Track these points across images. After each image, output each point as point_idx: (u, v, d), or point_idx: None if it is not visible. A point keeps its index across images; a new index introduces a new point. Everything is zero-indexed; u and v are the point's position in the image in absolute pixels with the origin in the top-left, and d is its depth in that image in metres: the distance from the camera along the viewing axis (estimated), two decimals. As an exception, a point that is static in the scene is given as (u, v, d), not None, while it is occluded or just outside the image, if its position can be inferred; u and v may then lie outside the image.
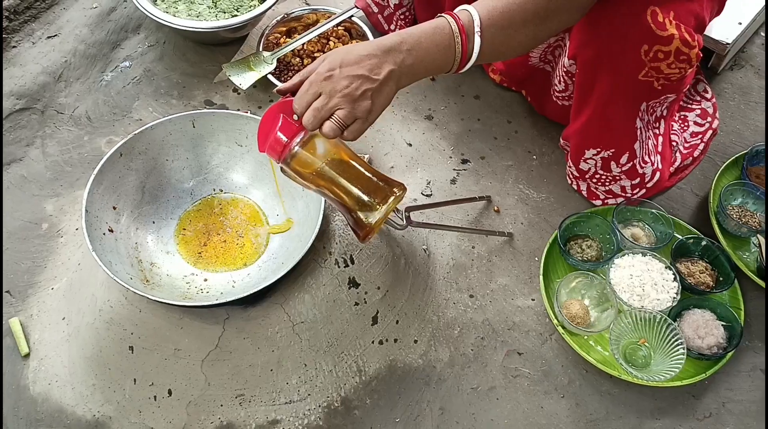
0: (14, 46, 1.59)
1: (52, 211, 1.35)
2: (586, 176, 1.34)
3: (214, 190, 1.20)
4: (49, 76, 1.54)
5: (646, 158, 1.30)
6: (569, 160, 1.35)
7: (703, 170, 1.45)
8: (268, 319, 1.11)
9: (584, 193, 1.39)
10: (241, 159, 1.20)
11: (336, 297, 1.13)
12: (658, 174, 1.34)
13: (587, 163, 1.30)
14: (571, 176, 1.40)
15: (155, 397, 1.10)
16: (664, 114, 1.33)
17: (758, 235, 1.28)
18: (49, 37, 1.60)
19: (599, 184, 1.34)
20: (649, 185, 1.34)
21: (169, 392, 1.09)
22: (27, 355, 1.18)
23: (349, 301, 1.15)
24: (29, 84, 1.51)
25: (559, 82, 1.31)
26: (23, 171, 1.41)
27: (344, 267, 1.13)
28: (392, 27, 1.64)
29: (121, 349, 1.09)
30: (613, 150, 1.25)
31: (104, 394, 1.11)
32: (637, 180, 1.32)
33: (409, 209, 1.22)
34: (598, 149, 1.26)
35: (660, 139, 1.34)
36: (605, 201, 1.38)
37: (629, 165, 1.28)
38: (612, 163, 1.28)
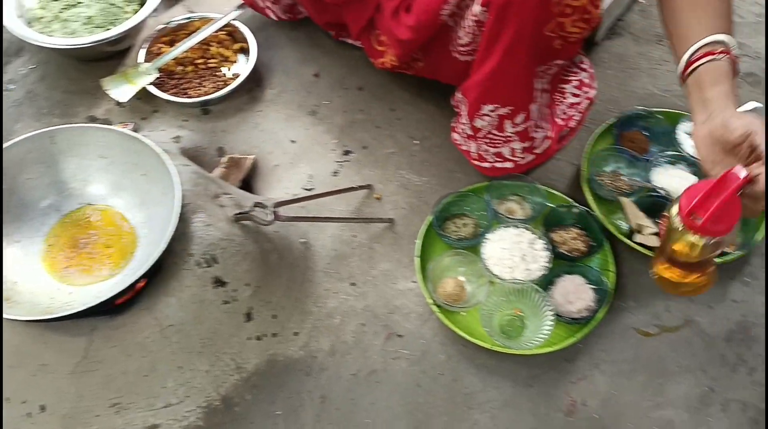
0: None
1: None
2: (479, 135, 1.32)
3: (80, 203, 1.22)
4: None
5: (540, 123, 1.32)
6: (462, 118, 1.33)
7: (581, 140, 1.47)
8: (136, 325, 1.12)
9: (473, 155, 1.37)
10: (105, 170, 1.22)
11: (203, 297, 1.14)
12: (548, 142, 1.36)
13: (483, 119, 1.28)
14: (462, 136, 1.37)
15: (29, 414, 1.11)
16: (547, 87, 1.35)
17: (620, 198, 1.30)
18: (-68, 69, 1.61)
19: (490, 145, 1.33)
20: (537, 151, 1.35)
21: (42, 408, 1.10)
22: None
23: (218, 300, 1.16)
24: None
25: (465, 35, 1.28)
26: None
27: (207, 267, 1.15)
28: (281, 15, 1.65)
29: (-16, 370, 1.10)
30: (511, 108, 1.25)
31: (-21, 415, 1.12)
32: (528, 143, 1.32)
33: (277, 205, 1.24)
34: (497, 105, 1.25)
35: (547, 110, 1.36)
36: (494, 164, 1.36)
37: (523, 126, 1.28)
38: (507, 121, 1.27)
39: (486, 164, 1.37)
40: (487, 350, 1.19)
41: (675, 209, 0.97)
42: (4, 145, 1.15)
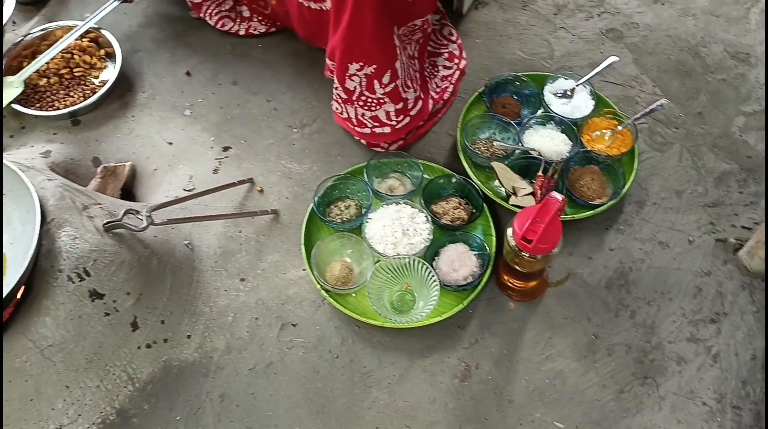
0: None
1: None
2: (353, 98, 1.32)
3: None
4: None
5: (409, 83, 1.33)
6: (335, 83, 1.33)
7: (456, 111, 1.49)
8: (12, 350, 1.08)
9: (354, 122, 1.37)
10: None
11: (80, 312, 1.11)
12: (420, 102, 1.37)
13: (353, 80, 1.28)
14: (339, 101, 1.37)
15: None
16: (416, 54, 1.37)
17: (492, 163, 1.34)
18: None
19: (365, 108, 1.33)
20: (412, 113, 1.36)
21: None
22: None
23: (98, 313, 1.13)
24: None
25: None
26: None
27: (80, 281, 1.11)
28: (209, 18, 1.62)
29: None
30: (375, 66, 1.25)
31: None
32: (401, 105, 1.33)
33: (152, 209, 1.21)
34: (361, 64, 1.25)
35: (418, 75, 1.37)
36: (373, 129, 1.37)
37: (392, 86, 1.29)
38: (375, 81, 1.27)
39: (366, 130, 1.37)
40: (381, 328, 1.21)
41: (510, 232, 1.13)
42: None
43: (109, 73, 1.56)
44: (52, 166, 1.37)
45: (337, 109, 1.39)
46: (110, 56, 1.58)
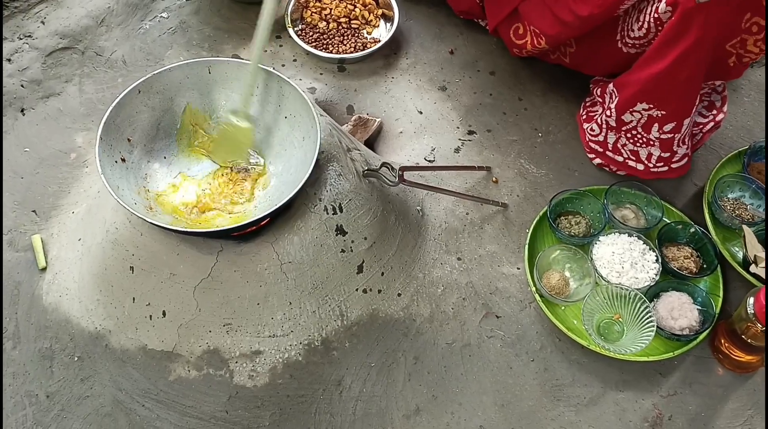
0: (64, -10, 1.70)
1: (81, 143, 1.47)
2: (623, 128, 1.31)
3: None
4: (93, 20, 1.64)
5: (686, 140, 1.32)
6: (607, 110, 1.32)
7: (706, 162, 1.46)
8: (258, 255, 1.18)
9: (609, 146, 1.37)
10: (251, 107, 1.28)
11: (323, 242, 1.20)
12: (685, 160, 1.35)
13: (633, 115, 1.27)
14: (602, 126, 1.36)
15: (151, 316, 1.19)
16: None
17: (743, 226, 1.29)
18: (96, -16, 1.71)
19: (631, 141, 1.32)
20: (674, 166, 1.34)
21: (164, 313, 1.19)
22: (44, 269, 1.29)
23: (336, 248, 1.22)
24: (73, 26, 1.62)
25: (640, 28, 1.24)
26: (60, 105, 1.53)
27: (333, 214, 1.20)
28: None
29: (123, 269, 1.19)
30: (664, 112, 1.24)
31: (106, 309, 1.21)
32: (667, 154, 1.31)
33: (403, 169, 1.28)
34: (651, 106, 1.24)
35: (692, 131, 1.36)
36: (626, 160, 1.36)
37: (669, 136, 1.27)
38: (656, 125, 1.26)
39: (619, 158, 1.37)
40: (582, 347, 1.22)
41: (752, 300, 1.10)
42: (168, 66, 1.23)
43: (381, 32, 1.65)
44: (316, 103, 1.48)
45: (593, 130, 1.40)
46: (385, 17, 1.68)
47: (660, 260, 1.27)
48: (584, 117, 1.47)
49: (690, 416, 1.18)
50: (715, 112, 1.48)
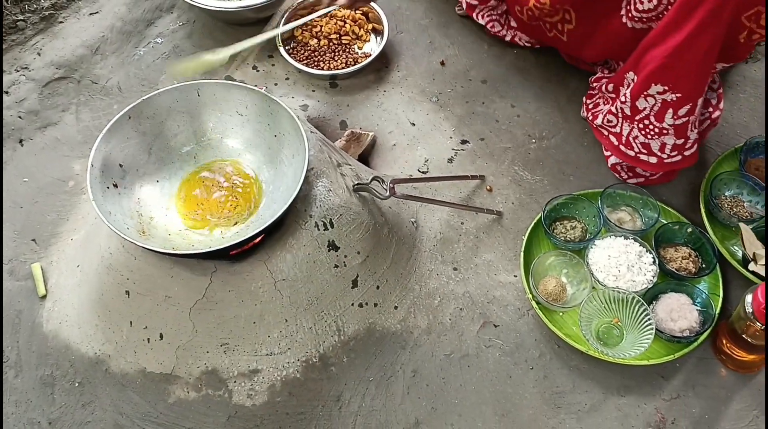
0: (61, 22, 1.73)
1: (78, 170, 1.49)
2: (636, 118, 1.29)
3: (215, 156, 1.30)
4: (88, 49, 1.67)
5: (697, 124, 1.30)
6: (622, 96, 1.30)
7: (703, 161, 1.45)
8: (252, 274, 1.19)
9: (623, 138, 1.34)
10: (241, 127, 1.29)
11: (316, 258, 1.20)
12: (696, 146, 1.33)
13: (647, 100, 1.25)
14: (617, 116, 1.34)
15: (148, 339, 1.20)
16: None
17: (740, 224, 1.28)
18: (91, 14, 1.74)
19: (642, 133, 1.30)
20: (686, 153, 1.32)
21: (161, 336, 1.19)
22: (44, 297, 1.31)
23: (329, 263, 1.22)
24: (69, 55, 1.65)
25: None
26: (57, 134, 1.55)
27: (324, 229, 1.20)
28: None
29: (119, 293, 1.20)
30: (680, 95, 1.22)
31: (105, 334, 1.23)
32: (681, 140, 1.29)
33: (394, 182, 1.28)
34: (666, 88, 1.21)
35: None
36: (638, 155, 1.34)
37: (684, 119, 1.25)
38: (670, 110, 1.24)
39: (630, 152, 1.34)
40: (582, 353, 1.21)
41: (749, 298, 1.08)
42: (157, 91, 1.24)
43: (372, 47, 1.66)
44: (309, 120, 1.49)
45: (610, 121, 1.37)
46: (375, 31, 1.69)
47: (657, 262, 1.26)
48: (590, 117, 1.44)
49: (694, 419, 1.17)
50: (711, 109, 1.46)
